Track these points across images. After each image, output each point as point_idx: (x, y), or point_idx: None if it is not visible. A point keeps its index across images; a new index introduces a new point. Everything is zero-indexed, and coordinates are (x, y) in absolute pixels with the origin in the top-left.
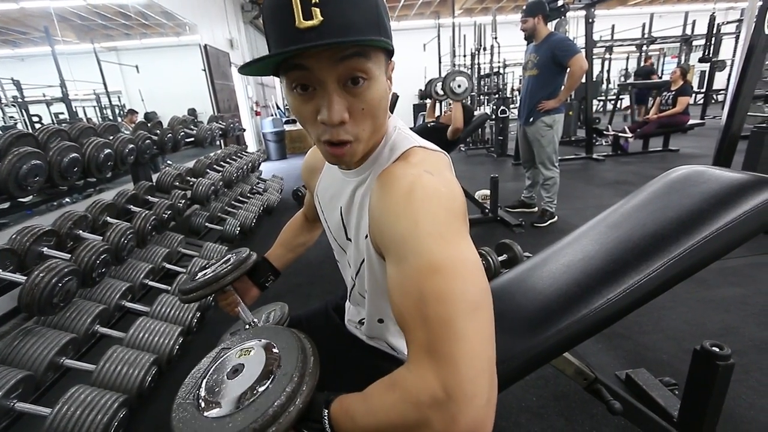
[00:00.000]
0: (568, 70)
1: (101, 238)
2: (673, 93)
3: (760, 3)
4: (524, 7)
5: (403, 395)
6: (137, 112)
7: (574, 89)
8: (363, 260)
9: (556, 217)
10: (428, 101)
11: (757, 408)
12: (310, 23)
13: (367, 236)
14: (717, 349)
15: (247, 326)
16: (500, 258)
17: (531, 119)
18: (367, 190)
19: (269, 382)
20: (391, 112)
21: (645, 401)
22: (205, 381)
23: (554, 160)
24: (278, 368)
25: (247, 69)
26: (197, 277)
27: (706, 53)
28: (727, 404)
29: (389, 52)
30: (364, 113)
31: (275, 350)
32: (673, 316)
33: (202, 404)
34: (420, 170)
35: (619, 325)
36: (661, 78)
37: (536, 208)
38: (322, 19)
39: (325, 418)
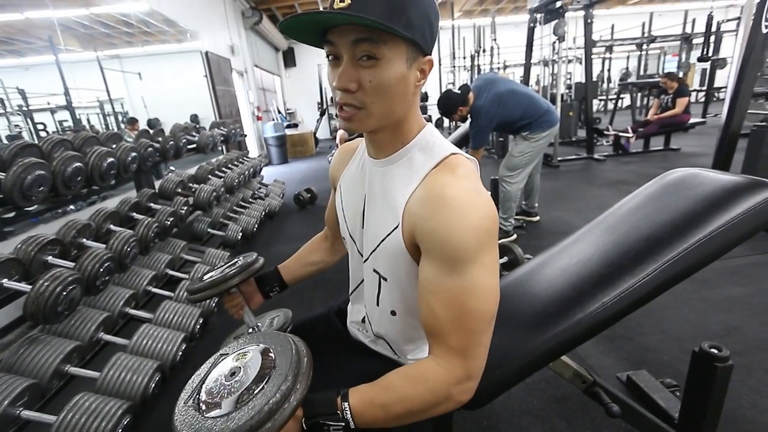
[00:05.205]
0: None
1: (105, 246)
2: (672, 95)
3: (758, 0)
4: (441, 109)
5: (436, 383)
6: (138, 121)
7: None
8: (377, 247)
9: (514, 236)
10: None
11: (759, 408)
12: (342, 5)
13: (396, 227)
14: (716, 351)
15: (251, 329)
16: (501, 260)
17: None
18: (401, 183)
19: (264, 382)
20: None
21: (646, 403)
22: (204, 385)
23: (514, 173)
24: (273, 369)
25: (291, 30)
26: (205, 278)
27: (705, 52)
28: (729, 405)
29: (417, 46)
30: (372, 87)
31: (271, 353)
32: (674, 317)
33: (203, 407)
34: (470, 188)
35: (621, 326)
36: None
37: (537, 218)
38: (349, 2)
39: (347, 410)
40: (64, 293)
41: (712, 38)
